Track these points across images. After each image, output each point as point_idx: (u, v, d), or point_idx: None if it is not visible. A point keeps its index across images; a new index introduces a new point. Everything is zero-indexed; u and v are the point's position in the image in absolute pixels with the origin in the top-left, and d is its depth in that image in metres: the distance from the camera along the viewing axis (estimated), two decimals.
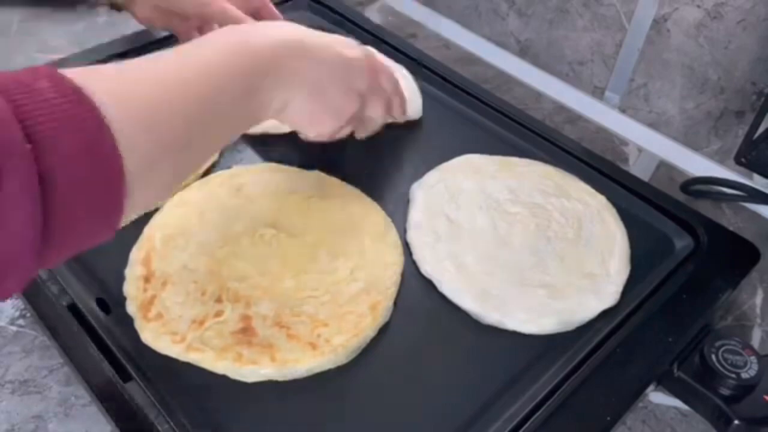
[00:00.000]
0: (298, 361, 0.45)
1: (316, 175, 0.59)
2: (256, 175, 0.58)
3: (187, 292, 0.48)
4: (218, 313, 0.47)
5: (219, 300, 0.48)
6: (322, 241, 0.53)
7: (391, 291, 0.50)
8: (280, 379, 0.45)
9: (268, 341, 0.46)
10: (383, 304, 0.49)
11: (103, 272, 0.51)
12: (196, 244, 0.52)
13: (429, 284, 0.52)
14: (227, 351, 0.45)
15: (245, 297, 0.48)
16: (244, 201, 0.56)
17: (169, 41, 0.72)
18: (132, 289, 0.49)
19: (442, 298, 0.51)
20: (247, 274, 0.50)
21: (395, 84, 0.54)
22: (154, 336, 0.46)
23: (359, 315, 0.48)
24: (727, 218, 0.64)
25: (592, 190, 0.59)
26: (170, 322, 0.46)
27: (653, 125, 0.71)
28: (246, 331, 0.46)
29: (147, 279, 0.49)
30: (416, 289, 0.52)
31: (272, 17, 0.64)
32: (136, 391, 0.44)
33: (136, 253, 0.51)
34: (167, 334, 0.46)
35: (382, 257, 0.52)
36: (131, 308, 0.47)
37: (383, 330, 0.49)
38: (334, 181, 0.59)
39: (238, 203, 0.55)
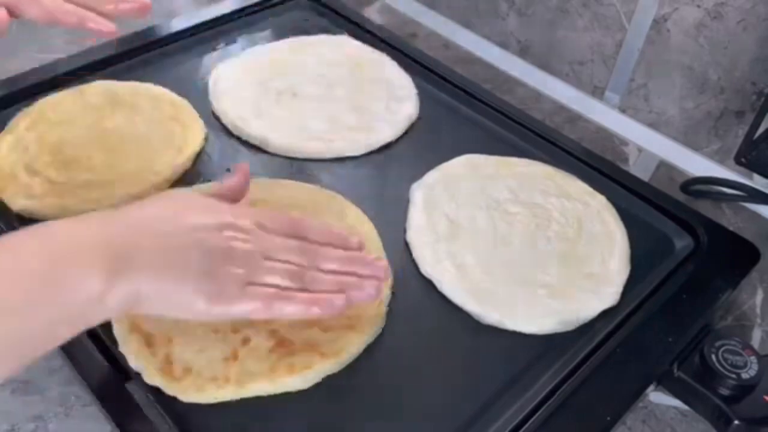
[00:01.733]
0: (350, 343, 0.46)
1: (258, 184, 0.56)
2: None
3: (199, 338, 0.46)
4: (245, 341, 0.46)
5: (236, 330, 0.46)
6: None
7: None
8: (337, 370, 0.45)
9: (308, 342, 0.46)
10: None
11: None
12: None
13: (429, 284, 0.52)
14: (277, 368, 0.44)
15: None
16: None
17: (159, 44, 0.72)
18: (140, 361, 0.44)
19: (442, 298, 0.51)
20: None
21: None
22: (198, 390, 0.43)
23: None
24: (727, 218, 0.64)
25: (592, 190, 0.59)
26: (203, 370, 0.44)
27: (653, 125, 0.71)
28: (282, 344, 0.46)
29: (148, 343, 0.45)
30: (416, 289, 0.52)
31: None
32: (136, 391, 0.44)
33: (121, 328, 0.46)
34: (209, 383, 0.43)
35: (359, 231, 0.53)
36: (154, 380, 0.44)
37: (383, 330, 0.49)
38: (269, 182, 0.58)
39: None
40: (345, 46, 0.75)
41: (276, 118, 0.65)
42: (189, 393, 0.43)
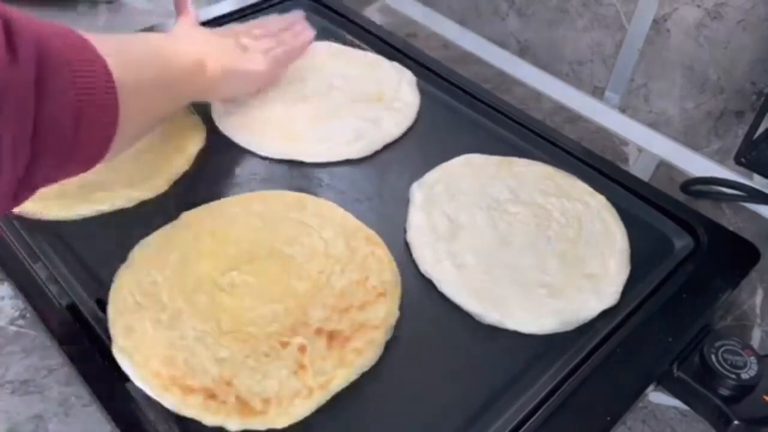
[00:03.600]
0: (388, 309, 0.49)
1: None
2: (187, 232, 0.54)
3: (256, 368, 0.45)
4: (301, 350, 0.46)
5: (285, 344, 0.46)
6: (290, 255, 0.52)
7: (384, 255, 0.53)
8: (391, 336, 0.48)
9: (354, 324, 0.47)
10: (388, 266, 0.52)
11: (103, 273, 0.50)
12: (194, 338, 0.46)
13: (429, 284, 0.52)
14: (346, 357, 0.46)
15: (277, 337, 0.47)
16: (184, 265, 0.51)
17: None
18: (219, 415, 0.42)
19: (442, 297, 0.51)
20: (257, 325, 0.48)
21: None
22: (288, 413, 0.43)
23: (378, 293, 0.50)
24: (727, 218, 0.64)
25: (592, 190, 0.59)
26: (281, 392, 0.44)
27: (653, 125, 0.71)
28: (334, 336, 0.47)
29: (210, 397, 0.43)
30: (416, 289, 0.52)
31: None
32: (136, 391, 0.44)
33: (175, 398, 0.43)
34: (295, 400, 0.43)
35: (348, 233, 0.54)
36: (246, 425, 0.42)
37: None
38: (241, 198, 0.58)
39: (181, 269, 0.51)
40: (344, 53, 0.75)
41: (275, 124, 0.64)
42: (282, 419, 0.43)
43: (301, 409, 0.43)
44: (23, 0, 0.90)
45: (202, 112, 0.65)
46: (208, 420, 0.42)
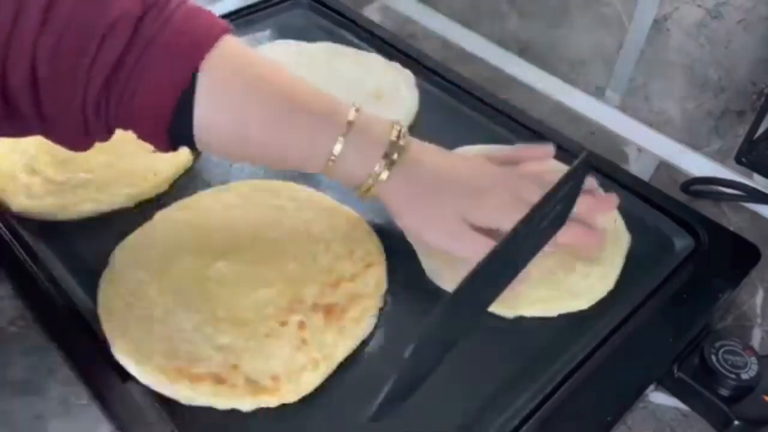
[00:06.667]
0: (378, 276, 0.50)
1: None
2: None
3: (258, 348, 0.46)
4: (301, 326, 0.47)
5: (284, 323, 0.47)
6: (273, 239, 0.53)
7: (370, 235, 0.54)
8: (383, 304, 0.50)
9: (347, 295, 0.49)
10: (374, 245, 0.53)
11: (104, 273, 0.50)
12: (191, 329, 0.47)
13: (428, 282, 0.52)
14: (345, 327, 0.47)
15: (283, 311, 0.48)
16: (168, 260, 0.51)
17: None
18: (233, 399, 0.43)
19: (439, 293, 0.51)
20: (252, 309, 0.48)
21: None
22: (300, 386, 0.44)
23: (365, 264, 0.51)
24: (727, 218, 0.64)
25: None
26: (288, 368, 0.44)
27: (653, 125, 0.71)
28: (330, 309, 0.48)
29: (219, 381, 0.43)
30: (415, 288, 0.52)
31: None
32: (136, 391, 0.44)
33: (181, 388, 0.44)
34: (304, 374, 0.44)
35: (327, 212, 0.55)
36: (260, 403, 0.43)
37: (379, 330, 0.49)
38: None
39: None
40: (344, 53, 0.75)
41: None
42: (293, 393, 0.44)
43: (311, 381, 0.44)
44: None
45: None
46: (221, 404, 0.43)
